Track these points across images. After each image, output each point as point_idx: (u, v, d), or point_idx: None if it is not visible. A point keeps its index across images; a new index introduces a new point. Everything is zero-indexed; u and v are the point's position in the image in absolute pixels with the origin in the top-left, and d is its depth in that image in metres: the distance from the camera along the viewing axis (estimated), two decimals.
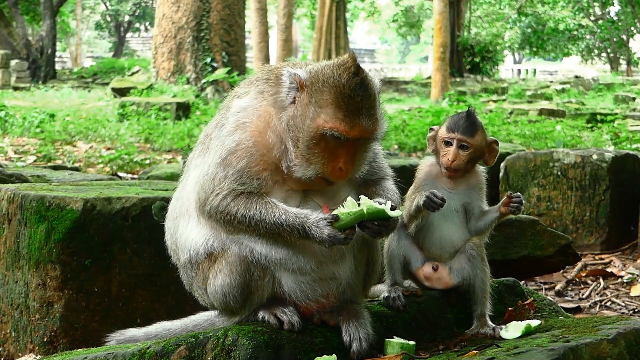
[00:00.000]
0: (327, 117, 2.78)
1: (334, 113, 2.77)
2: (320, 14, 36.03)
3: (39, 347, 3.73)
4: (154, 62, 24.07)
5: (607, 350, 2.60)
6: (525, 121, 18.01)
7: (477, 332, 3.12)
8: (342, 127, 2.77)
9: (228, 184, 2.85)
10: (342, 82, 2.78)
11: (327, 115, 2.78)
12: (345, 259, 2.97)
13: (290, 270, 2.89)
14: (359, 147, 2.86)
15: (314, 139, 2.80)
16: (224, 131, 2.92)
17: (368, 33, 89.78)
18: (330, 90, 2.79)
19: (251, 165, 2.86)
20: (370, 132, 2.83)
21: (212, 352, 2.77)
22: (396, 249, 3.26)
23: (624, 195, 6.96)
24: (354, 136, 2.79)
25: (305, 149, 2.82)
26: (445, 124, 3.28)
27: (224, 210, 2.84)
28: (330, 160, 2.81)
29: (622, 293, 5.71)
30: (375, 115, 2.83)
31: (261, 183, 2.87)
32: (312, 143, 2.81)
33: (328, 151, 2.81)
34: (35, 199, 3.74)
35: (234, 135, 2.89)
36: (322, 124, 2.78)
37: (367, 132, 2.82)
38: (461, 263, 3.24)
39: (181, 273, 3.11)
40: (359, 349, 2.88)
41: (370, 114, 2.81)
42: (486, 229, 3.29)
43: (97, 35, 72.03)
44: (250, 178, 2.86)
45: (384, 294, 3.23)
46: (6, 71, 28.83)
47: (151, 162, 11.42)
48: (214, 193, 2.85)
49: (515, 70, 53.89)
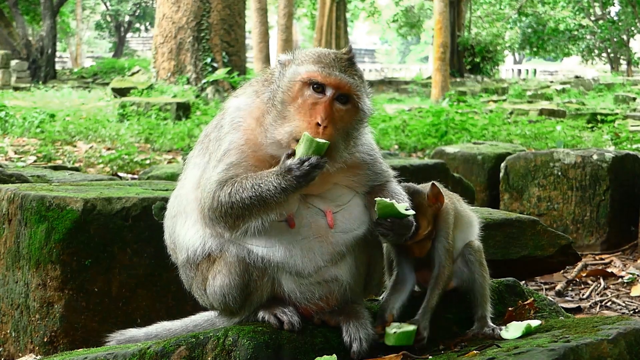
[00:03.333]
0: (304, 69, 2.80)
1: (312, 65, 2.80)
2: (320, 14, 36.04)
3: (39, 347, 3.73)
4: (154, 62, 24.08)
5: (607, 351, 2.60)
6: (525, 121, 18.03)
7: (478, 333, 3.12)
8: (318, 75, 2.77)
9: (220, 176, 2.83)
10: (324, 48, 2.87)
11: (305, 68, 2.81)
12: (346, 262, 2.95)
13: (288, 273, 2.88)
14: (339, 110, 2.80)
15: (290, 93, 2.79)
16: (222, 132, 2.92)
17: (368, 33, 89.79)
18: (311, 52, 2.88)
19: (241, 160, 2.84)
20: (348, 87, 2.79)
21: (213, 352, 2.77)
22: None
23: (624, 196, 6.97)
24: (331, 84, 2.77)
25: (281, 107, 2.80)
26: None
27: (217, 201, 2.80)
28: (307, 116, 2.76)
29: (623, 293, 5.71)
30: (354, 76, 2.83)
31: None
32: (289, 97, 2.79)
33: (305, 107, 2.77)
34: (36, 199, 3.74)
35: (228, 135, 2.89)
36: (299, 75, 2.79)
37: (345, 85, 2.79)
38: (459, 266, 3.24)
39: (180, 272, 3.11)
40: (359, 349, 2.88)
41: (350, 73, 2.82)
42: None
43: (97, 36, 72.07)
44: (238, 170, 2.83)
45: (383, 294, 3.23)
46: (6, 71, 28.86)
47: (151, 162, 11.43)
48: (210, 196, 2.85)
49: (515, 70, 53.93)
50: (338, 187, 2.94)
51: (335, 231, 2.90)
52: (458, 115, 16.32)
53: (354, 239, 2.94)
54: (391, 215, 2.78)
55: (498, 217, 4.66)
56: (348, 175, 2.97)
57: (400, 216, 2.79)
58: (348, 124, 2.85)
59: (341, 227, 2.91)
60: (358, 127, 2.91)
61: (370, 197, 2.96)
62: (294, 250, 2.85)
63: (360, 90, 2.84)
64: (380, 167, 3.06)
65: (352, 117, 2.85)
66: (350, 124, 2.86)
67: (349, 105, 2.83)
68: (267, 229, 2.83)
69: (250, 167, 2.85)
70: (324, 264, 2.89)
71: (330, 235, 2.88)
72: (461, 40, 40.85)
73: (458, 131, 15.15)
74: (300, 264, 2.86)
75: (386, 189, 3.02)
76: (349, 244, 2.93)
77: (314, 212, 2.89)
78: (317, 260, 2.87)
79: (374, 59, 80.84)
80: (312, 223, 2.88)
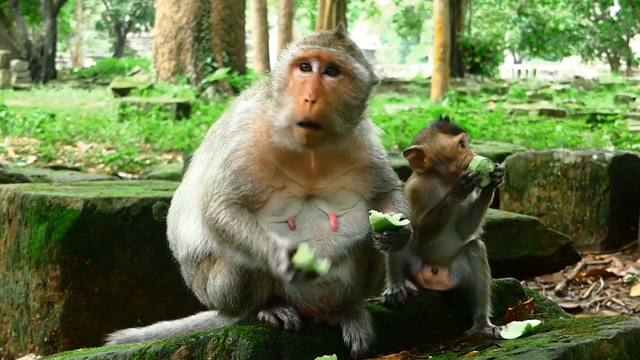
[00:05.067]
0: (289, 52, 2.81)
1: (296, 46, 2.82)
2: (320, 14, 36.03)
3: (39, 347, 3.73)
4: (154, 62, 24.08)
5: (607, 350, 2.60)
6: (525, 121, 18.03)
7: (477, 333, 3.12)
8: (300, 52, 2.77)
9: (224, 187, 2.82)
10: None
11: (290, 51, 2.82)
12: (346, 263, 2.94)
13: None
14: (331, 83, 2.76)
15: (282, 79, 2.80)
16: (228, 131, 2.91)
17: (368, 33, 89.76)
18: (299, 38, 2.89)
19: (248, 164, 2.83)
20: (330, 56, 2.76)
21: (213, 352, 2.77)
22: (399, 255, 3.23)
23: (624, 196, 6.97)
24: (312, 57, 2.75)
25: (277, 95, 2.81)
26: (442, 132, 3.25)
27: (216, 217, 2.81)
28: (298, 96, 2.74)
29: (622, 293, 5.72)
30: (340, 46, 2.79)
31: (255, 185, 2.82)
32: (282, 83, 2.80)
33: (297, 88, 2.76)
34: (36, 199, 3.74)
35: (236, 135, 2.89)
36: (286, 59, 2.80)
37: (327, 55, 2.76)
38: (461, 264, 3.24)
39: (182, 269, 3.11)
40: (359, 350, 2.87)
41: (335, 44, 2.79)
42: (480, 215, 3.26)
43: (97, 36, 72.09)
44: (245, 179, 2.82)
45: (386, 291, 3.22)
46: (6, 71, 28.84)
47: (151, 162, 11.43)
48: (213, 199, 2.84)
49: (515, 70, 53.90)
50: (345, 191, 2.93)
51: (337, 234, 2.89)
52: (458, 115, 16.33)
53: (355, 243, 2.93)
54: (386, 228, 2.76)
55: (498, 217, 4.66)
56: (357, 179, 2.95)
57: (396, 228, 2.77)
58: (344, 95, 2.79)
59: (344, 230, 2.90)
60: (358, 97, 2.84)
61: (373, 204, 2.95)
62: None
63: (348, 57, 2.79)
64: (388, 174, 3.03)
65: (346, 87, 2.79)
66: (347, 94, 2.79)
67: (340, 76, 2.78)
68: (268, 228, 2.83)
69: (256, 172, 2.83)
70: None
71: (332, 238, 2.87)
72: (461, 40, 40.85)
73: None
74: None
75: (389, 197, 2.99)
76: (350, 247, 2.92)
77: (317, 215, 2.88)
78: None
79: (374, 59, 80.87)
80: (314, 225, 2.87)
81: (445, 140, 3.23)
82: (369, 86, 2.88)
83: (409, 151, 3.25)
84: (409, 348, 2.99)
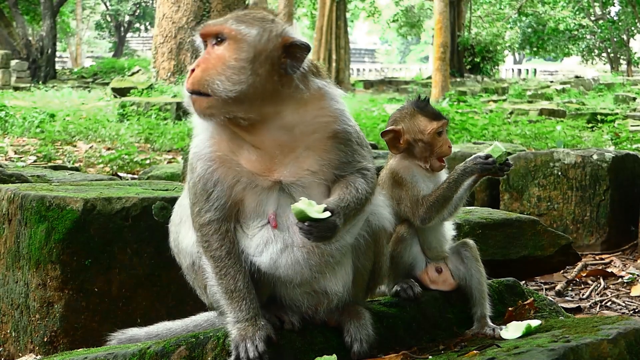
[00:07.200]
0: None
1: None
2: (320, 14, 36.04)
3: (39, 347, 3.73)
4: (154, 62, 24.10)
5: (607, 351, 2.60)
6: (525, 121, 18.02)
7: (478, 333, 3.12)
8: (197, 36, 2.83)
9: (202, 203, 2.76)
10: None
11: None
12: (337, 273, 2.86)
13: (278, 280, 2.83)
14: (217, 51, 2.71)
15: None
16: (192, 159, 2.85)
17: (368, 33, 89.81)
18: None
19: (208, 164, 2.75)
20: (206, 29, 2.77)
21: (213, 352, 2.77)
22: (405, 256, 3.21)
23: (625, 196, 6.97)
24: (200, 36, 2.79)
25: None
26: (423, 114, 3.19)
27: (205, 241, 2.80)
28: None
29: (623, 293, 5.71)
30: (231, 16, 2.78)
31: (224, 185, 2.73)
32: None
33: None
34: (36, 199, 3.74)
35: (195, 139, 2.85)
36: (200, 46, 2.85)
37: (203, 29, 2.78)
38: (455, 264, 3.24)
39: (185, 274, 3.12)
40: (360, 350, 2.87)
41: (225, 17, 2.80)
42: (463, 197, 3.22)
43: (97, 35, 72.10)
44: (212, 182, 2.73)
45: (395, 288, 3.19)
46: (6, 71, 28.85)
47: (151, 162, 11.43)
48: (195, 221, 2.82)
49: (515, 70, 53.96)
50: (316, 184, 2.76)
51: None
52: (458, 115, 16.32)
53: (344, 248, 2.83)
54: (306, 219, 2.58)
55: (498, 217, 4.66)
56: (322, 156, 2.75)
57: (315, 220, 2.59)
58: (227, 59, 2.67)
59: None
60: (242, 57, 2.67)
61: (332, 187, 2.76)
62: (279, 260, 2.76)
63: (228, 22, 2.73)
64: (359, 150, 2.80)
65: (234, 49, 2.68)
66: (231, 56, 2.67)
67: (226, 42, 2.71)
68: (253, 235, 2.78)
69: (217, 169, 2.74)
70: (312, 275, 2.79)
71: (314, 245, 2.73)
72: (461, 40, 40.87)
73: (458, 131, 15.16)
74: (285, 275, 2.78)
75: (342, 181, 2.76)
76: (338, 253, 2.81)
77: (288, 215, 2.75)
78: (304, 272, 2.77)
79: (374, 58, 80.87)
80: (294, 228, 2.70)
81: (425, 123, 3.16)
82: (265, 44, 2.68)
83: (386, 132, 3.20)
84: (409, 348, 2.99)
